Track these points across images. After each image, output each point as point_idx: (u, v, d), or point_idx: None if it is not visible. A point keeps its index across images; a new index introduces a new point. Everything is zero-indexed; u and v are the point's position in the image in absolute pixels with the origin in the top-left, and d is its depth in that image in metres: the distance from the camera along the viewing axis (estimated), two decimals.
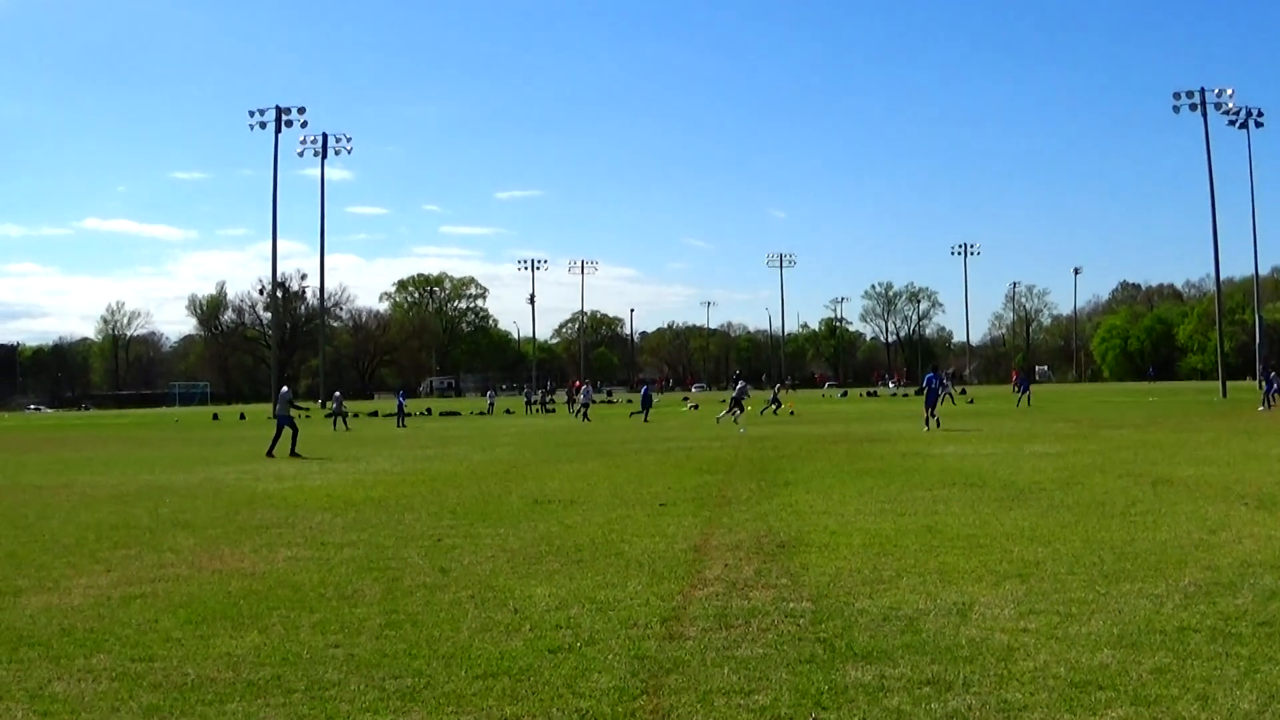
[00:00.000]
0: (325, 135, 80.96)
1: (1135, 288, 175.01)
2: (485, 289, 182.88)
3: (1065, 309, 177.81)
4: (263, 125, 76.47)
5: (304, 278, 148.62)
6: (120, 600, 9.09)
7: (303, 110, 77.31)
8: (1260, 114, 71.97)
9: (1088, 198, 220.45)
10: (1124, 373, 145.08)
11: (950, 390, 63.18)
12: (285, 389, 31.49)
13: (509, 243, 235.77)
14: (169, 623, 8.16)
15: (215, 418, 70.11)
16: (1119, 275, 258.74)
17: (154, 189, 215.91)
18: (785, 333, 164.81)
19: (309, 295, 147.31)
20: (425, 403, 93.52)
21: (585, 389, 57.42)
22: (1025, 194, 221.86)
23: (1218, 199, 68.36)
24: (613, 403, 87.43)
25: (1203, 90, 69.49)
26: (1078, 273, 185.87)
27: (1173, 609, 7.80)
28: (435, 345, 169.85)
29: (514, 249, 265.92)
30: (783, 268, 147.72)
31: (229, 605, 8.79)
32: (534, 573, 9.95)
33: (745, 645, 7.08)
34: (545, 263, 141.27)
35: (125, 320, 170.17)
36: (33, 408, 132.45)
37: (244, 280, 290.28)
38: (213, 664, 6.94)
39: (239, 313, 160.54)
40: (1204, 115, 69.22)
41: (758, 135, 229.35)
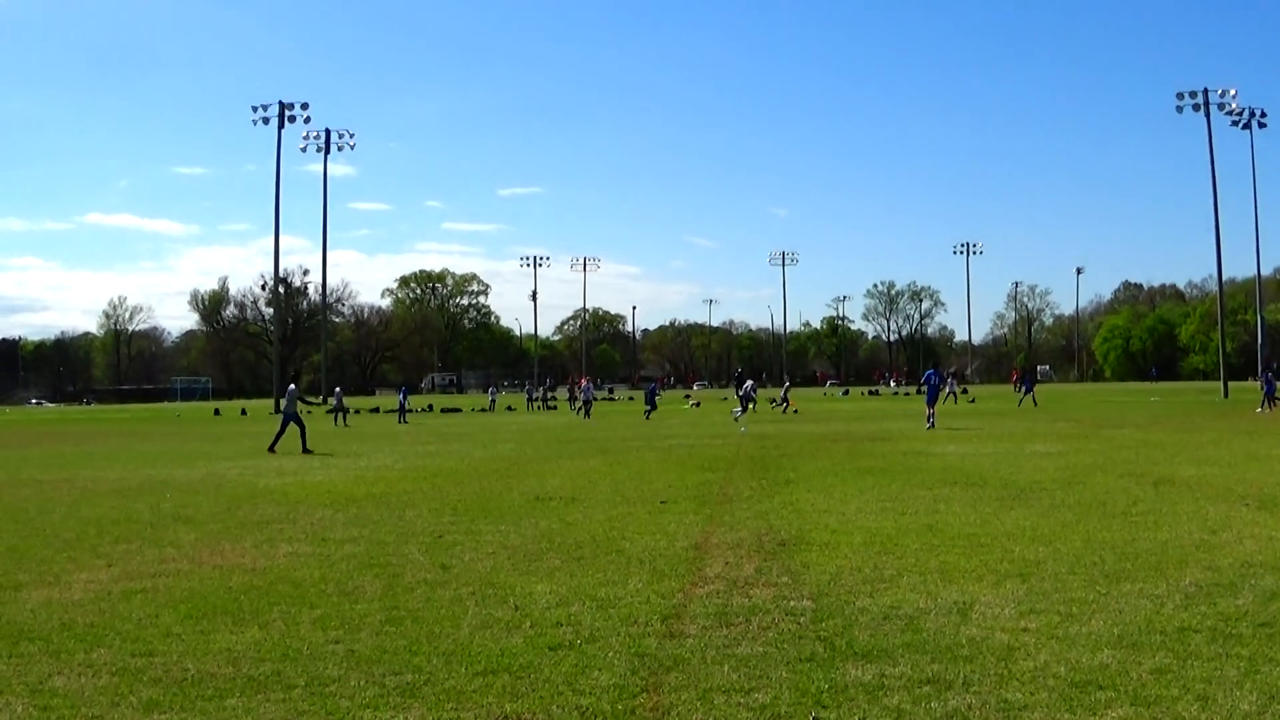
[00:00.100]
0: (328, 131, 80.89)
1: (1137, 288, 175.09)
2: (487, 285, 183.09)
3: (1067, 308, 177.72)
4: (265, 121, 76.41)
5: (306, 273, 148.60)
6: (121, 595, 9.10)
7: (306, 106, 77.23)
8: (1263, 114, 71.83)
9: (1090, 197, 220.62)
10: (1126, 373, 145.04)
11: (955, 390, 63.19)
12: (292, 386, 31.37)
13: (511, 239, 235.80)
14: (169, 618, 8.17)
15: (217, 413, 70.08)
16: (1121, 275, 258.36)
17: (156, 184, 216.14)
18: (787, 331, 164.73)
19: (311, 291, 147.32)
20: (427, 399, 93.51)
21: (586, 386, 57.37)
22: (1028, 193, 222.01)
23: (1220, 199, 68.19)
24: (614, 400, 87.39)
25: (1206, 90, 69.41)
26: (1080, 272, 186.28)
27: (1173, 609, 7.79)
28: (437, 342, 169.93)
29: (516, 245, 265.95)
30: (785, 266, 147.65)
31: (230, 600, 8.79)
32: (535, 570, 9.95)
33: (745, 643, 7.09)
34: (547, 259, 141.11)
35: (127, 315, 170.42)
36: (34, 402, 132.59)
37: (246, 276, 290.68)
38: (213, 659, 6.95)
39: (241, 308, 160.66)
40: (1207, 115, 69.14)
41: (760, 133, 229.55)
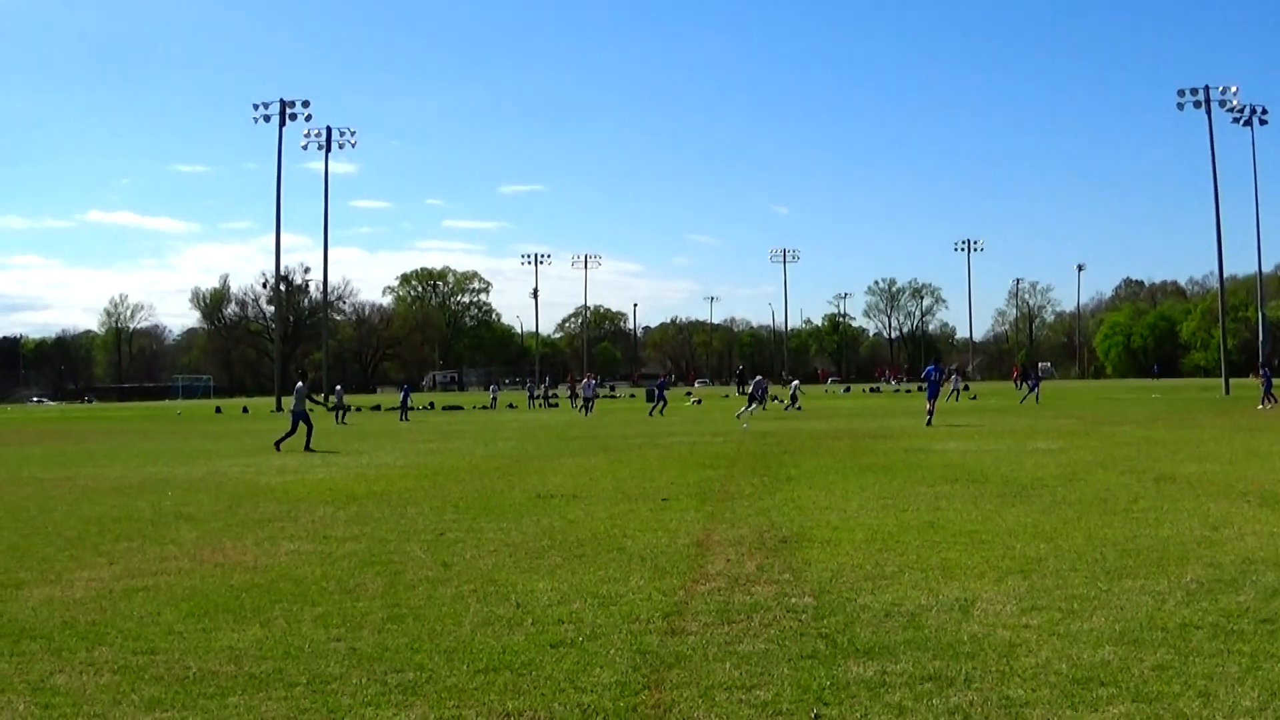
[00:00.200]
0: (329, 129, 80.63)
1: (1138, 284, 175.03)
2: (489, 283, 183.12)
3: (1068, 305, 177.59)
4: (266, 119, 76.26)
5: (307, 271, 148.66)
6: (122, 593, 9.10)
7: (307, 104, 77.07)
8: (1264, 111, 71.75)
9: (1091, 194, 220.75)
10: (1127, 369, 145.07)
11: (959, 386, 63.24)
12: (300, 383, 30.93)
13: (512, 237, 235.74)
14: (171, 616, 8.17)
15: (218, 411, 70.12)
16: (1122, 272, 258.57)
17: (157, 181, 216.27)
18: (789, 328, 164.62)
19: (312, 289, 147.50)
20: (428, 397, 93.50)
21: (587, 383, 57.28)
22: (1029, 190, 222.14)
23: (1221, 196, 68.13)
24: (615, 397, 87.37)
25: (1207, 88, 69.32)
26: (1081, 269, 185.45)
27: (1175, 606, 7.79)
28: (438, 339, 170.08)
29: (517, 243, 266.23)
30: (786, 263, 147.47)
31: (231, 598, 8.79)
32: (536, 567, 9.95)
33: (747, 640, 7.08)
34: (549, 257, 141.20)
35: (128, 313, 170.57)
36: (35, 400, 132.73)
37: (247, 273, 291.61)
38: (215, 657, 6.95)
39: (242, 306, 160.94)
40: (1208, 112, 69.06)
41: (761, 131, 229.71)
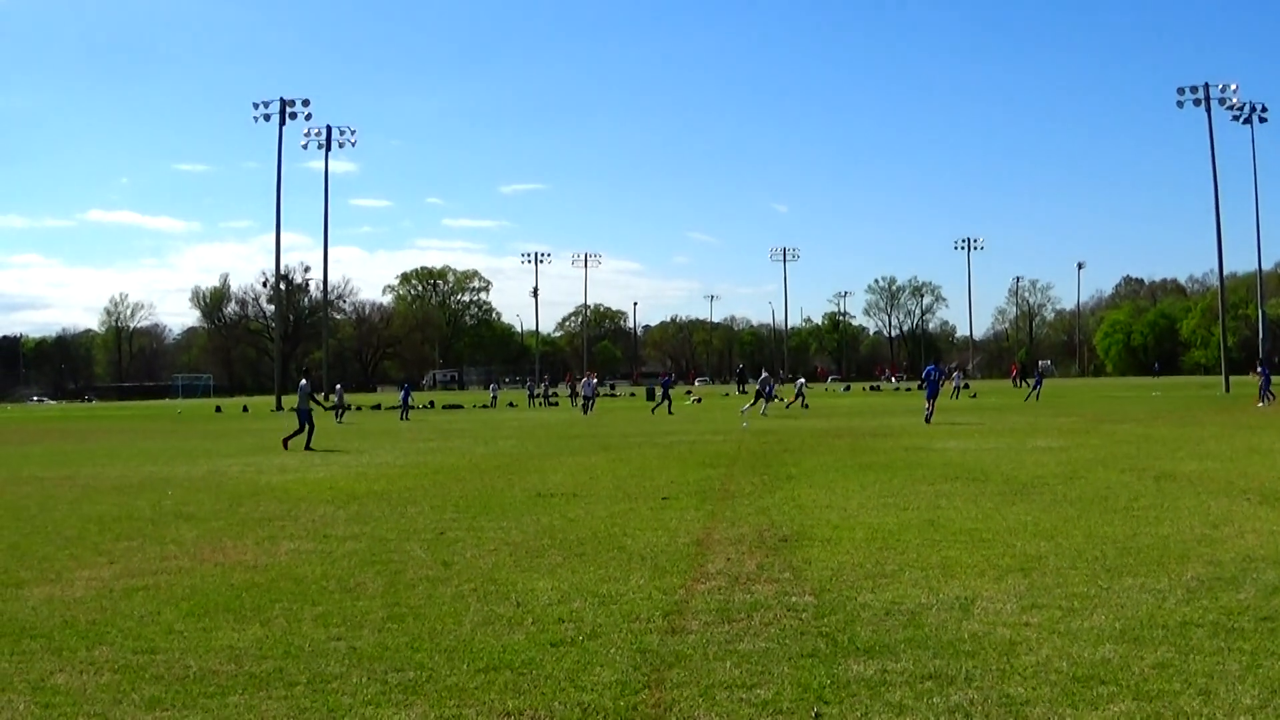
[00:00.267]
0: (329, 128, 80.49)
1: (1138, 282, 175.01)
2: (489, 282, 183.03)
3: (1068, 303, 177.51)
4: (267, 118, 76.17)
5: (307, 270, 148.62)
6: (122, 592, 9.11)
7: (307, 103, 76.95)
8: (1264, 109, 71.65)
9: (1091, 192, 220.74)
10: (1127, 367, 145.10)
11: (960, 384, 63.32)
12: (305, 381, 30.77)
13: (512, 236, 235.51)
14: (171, 615, 8.17)
15: (218, 410, 70.13)
16: (1122, 270, 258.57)
17: (157, 181, 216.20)
18: (789, 327, 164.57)
19: (312, 288, 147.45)
20: (428, 396, 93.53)
21: (587, 381, 57.22)
22: (1029, 189, 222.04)
23: (1221, 194, 68.10)
24: (615, 396, 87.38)
25: (1206, 85, 69.26)
26: (1081, 267, 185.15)
27: (1175, 604, 7.79)
28: (438, 338, 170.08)
29: (517, 242, 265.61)
30: (786, 262, 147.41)
31: (231, 598, 8.79)
32: (536, 566, 9.95)
33: (747, 639, 7.09)
34: (549, 256, 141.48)
35: (128, 312, 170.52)
36: (36, 399, 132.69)
37: (247, 273, 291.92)
38: (215, 656, 6.95)
39: (242, 305, 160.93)
40: (1208, 110, 68.99)
41: (761, 129, 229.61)
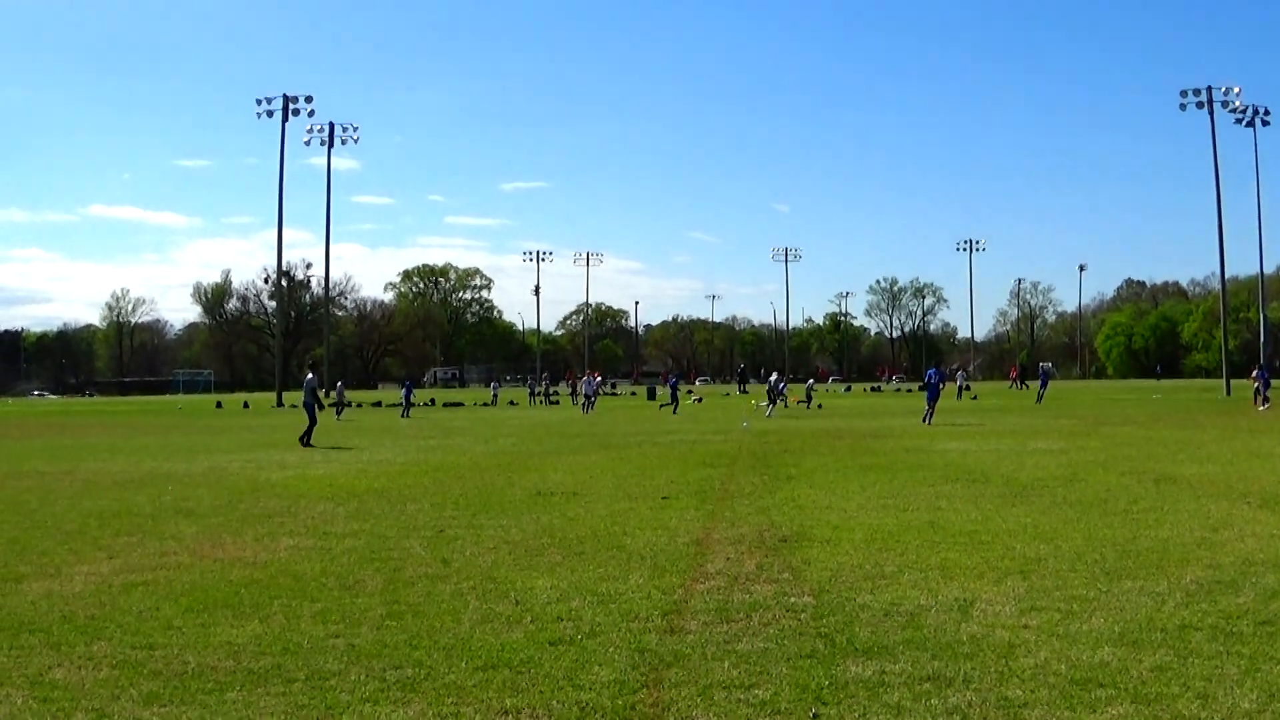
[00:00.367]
0: (332, 124, 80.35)
1: (1140, 285, 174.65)
2: (490, 280, 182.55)
3: (1070, 306, 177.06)
4: (269, 114, 76.12)
5: (309, 267, 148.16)
6: (121, 587, 9.11)
7: (310, 99, 76.86)
8: (1267, 112, 71.51)
9: (1093, 195, 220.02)
10: (1128, 370, 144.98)
11: (963, 384, 63.47)
12: (311, 376, 30.78)
13: (514, 234, 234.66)
14: (170, 610, 8.18)
15: (219, 406, 70.16)
16: (1124, 272, 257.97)
17: (159, 176, 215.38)
18: (789, 327, 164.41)
19: (314, 284, 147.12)
20: (429, 393, 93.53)
21: (588, 380, 57.16)
22: (1031, 190, 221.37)
23: (1223, 197, 68.01)
24: (616, 395, 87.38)
25: (1210, 88, 69.15)
26: (1083, 269, 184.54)
27: (1174, 607, 7.80)
28: (439, 336, 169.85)
29: (519, 240, 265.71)
30: (787, 262, 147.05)
31: (230, 594, 8.80)
32: (535, 565, 9.96)
33: (746, 639, 7.09)
34: (550, 254, 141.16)
35: (130, 307, 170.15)
36: (37, 394, 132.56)
37: (249, 268, 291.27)
38: (213, 652, 6.95)
39: (244, 301, 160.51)
40: (1211, 113, 68.86)
41: (763, 129, 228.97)
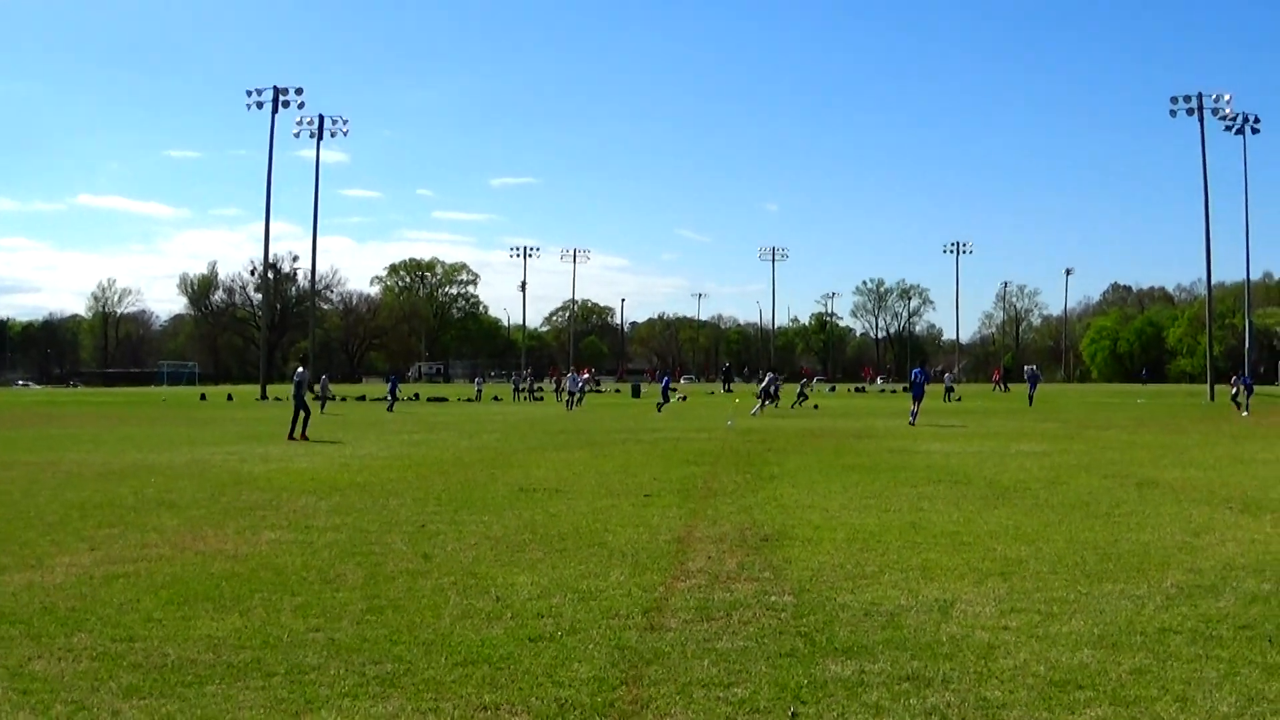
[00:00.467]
0: (321, 117, 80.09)
1: (1126, 289, 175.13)
2: (477, 275, 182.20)
3: (1056, 309, 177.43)
4: (259, 105, 75.87)
5: (296, 259, 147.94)
6: (102, 579, 9.09)
7: (300, 91, 76.61)
8: (1257, 120, 71.69)
9: (1081, 199, 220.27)
10: (1113, 374, 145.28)
11: (950, 386, 63.64)
12: (301, 369, 30.71)
13: (501, 229, 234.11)
14: (150, 603, 8.15)
15: (203, 398, 69.87)
16: (1110, 277, 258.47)
17: (147, 166, 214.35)
18: (775, 326, 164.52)
19: (300, 277, 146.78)
20: (413, 388, 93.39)
21: (572, 377, 56.99)
22: (1018, 194, 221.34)
23: (1211, 203, 68.29)
24: (601, 392, 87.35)
25: (1200, 95, 69.36)
26: (1069, 273, 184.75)
27: (1154, 610, 7.83)
28: (425, 330, 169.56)
29: (506, 236, 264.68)
30: (774, 261, 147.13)
31: (211, 587, 8.78)
32: (517, 561, 9.96)
33: (726, 638, 7.10)
34: (537, 250, 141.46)
35: (116, 297, 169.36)
36: (21, 384, 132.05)
37: (235, 260, 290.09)
38: (193, 645, 6.94)
39: (230, 293, 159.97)
40: (1200, 120, 69.06)
41: (752, 128, 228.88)
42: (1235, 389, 45.57)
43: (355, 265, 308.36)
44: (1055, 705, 5.76)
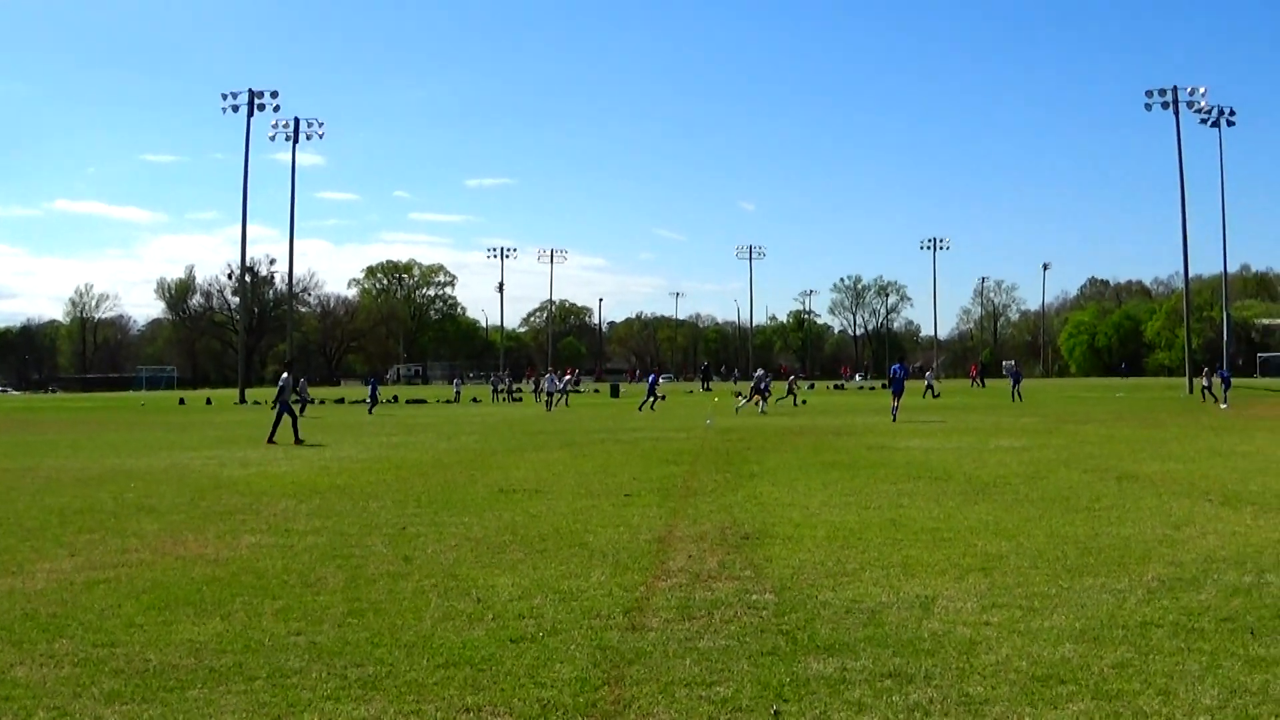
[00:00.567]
0: (297, 120, 79.91)
1: (1104, 284, 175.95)
2: (454, 276, 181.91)
3: (1034, 304, 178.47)
4: (235, 108, 75.62)
5: (273, 263, 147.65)
6: (83, 585, 9.04)
7: (275, 94, 76.42)
8: (1232, 113, 72.29)
9: (1058, 194, 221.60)
10: (1091, 368, 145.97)
11: (933, 382, 63.77)
12: (286, 374, 30.64)
13: (478, 230, 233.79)
14: (132, 608, 8.12)
15: (181, 402, 69.62)
16: (1088, 271, 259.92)
17: (124, 171, 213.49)
18: (753, 325, 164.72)
19: (278, 280, 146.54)
20: (392, 390, 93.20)
21: (550, 377, 56.86)
22: (995, 189, 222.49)
23: (1188, 197, 68.55)
24: (580, 392, 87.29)
25: (1175, 88, 69.72)
26: (1046, 268, 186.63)
27: (1135, 604, 7.86)
28: (403, 332, 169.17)
29: (483, 237, 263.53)
30: (752, 260, 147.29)
31: (192, 591, 8.74)
32: (497, 562, 9.94)
33: (708, 637, 7.10)
34: (514, 251, 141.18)
35: (93, 303, 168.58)
36: None
37: (213, 264, 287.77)
38: (175, 650, 6.91)
39: (207, 297, 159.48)
40: (1176, 113, 69.42)
41: (730, 127, 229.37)
42: (1207, 381, 45.89)
43: (333, 268, 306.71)
44: (1038, 700, 5.78)
